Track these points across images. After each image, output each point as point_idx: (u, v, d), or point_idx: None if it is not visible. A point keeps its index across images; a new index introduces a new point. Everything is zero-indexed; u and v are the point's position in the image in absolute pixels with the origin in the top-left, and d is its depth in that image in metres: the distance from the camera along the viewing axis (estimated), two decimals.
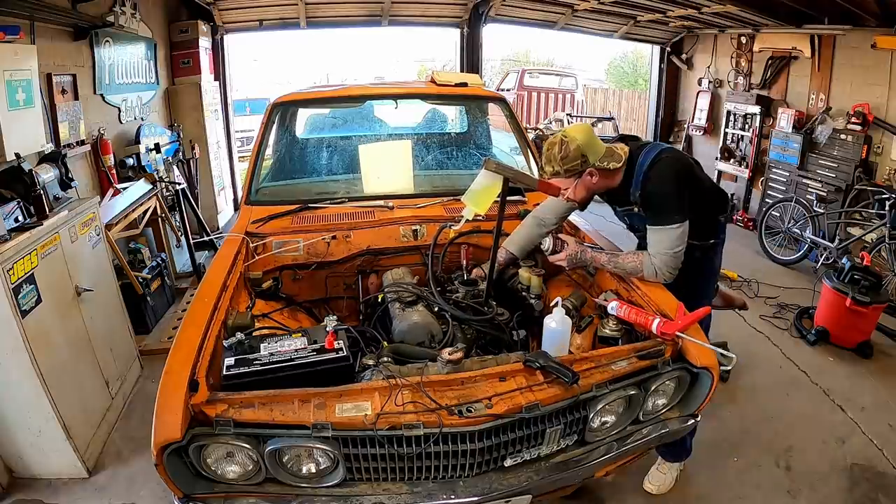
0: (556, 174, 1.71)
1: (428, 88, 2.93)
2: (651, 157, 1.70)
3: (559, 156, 1.67)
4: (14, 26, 2.64)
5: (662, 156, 1.70)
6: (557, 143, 1.67)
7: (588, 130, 1.70)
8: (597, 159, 1.68)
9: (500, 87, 11.69)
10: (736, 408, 2.63)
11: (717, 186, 2.05)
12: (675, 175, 1.68)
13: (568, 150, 1.65)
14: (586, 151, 1.66)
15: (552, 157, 1.68)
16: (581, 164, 1.67)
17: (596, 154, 1.68)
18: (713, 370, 1.45)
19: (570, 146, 1.65)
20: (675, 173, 1.68)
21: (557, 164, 1.68)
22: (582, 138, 1.66)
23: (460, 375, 1.35)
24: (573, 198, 1.77)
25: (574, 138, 1.66)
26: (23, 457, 2.10)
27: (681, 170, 1.71)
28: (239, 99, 7.93)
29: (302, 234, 2.07)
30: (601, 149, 1.70)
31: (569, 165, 1.66)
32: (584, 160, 1.66)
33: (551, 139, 1.70)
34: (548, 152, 1.70)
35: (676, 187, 1.67)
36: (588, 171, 1.69)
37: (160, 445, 1.15)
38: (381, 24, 6.08)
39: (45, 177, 2.39)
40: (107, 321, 2.51)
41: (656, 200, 1.69)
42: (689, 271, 1.73)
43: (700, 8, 4.83)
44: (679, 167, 1.71)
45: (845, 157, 4.34)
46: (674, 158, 1.72)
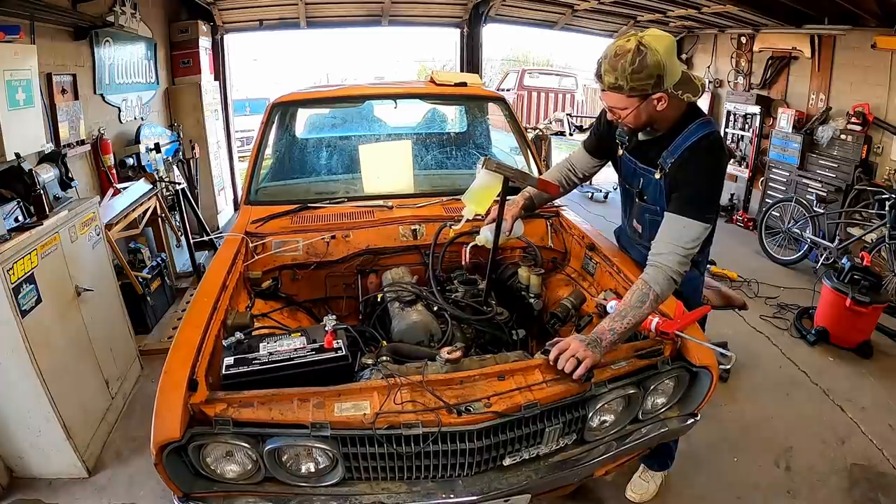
0: (616, 88, 1.37)
1: (428, 88, 2.93)
2: (705, 131, 1.44)
3: (629, 67, 1.31)
4: (14, 26, 2.64)
5: (715, 136, 1.45)
6: (632, 52, 1.31)
7: (672, 42, 1.35)
8: (673, 83, 1.36)
9: (500, 87, 11.71)
10: (736, 408, 2.63)
11: None
12: (722, 166, 1.45)
13: (644, 63, 1.31)
14: (665, 70, 1.32)
15: (620, 66, 1.32)
16: (653, 86, 1.34)
17: (673, 76, 1.36)
18: (712, 369, 1.45)
19: (649, 59, 1.30)
20: (722, 164, 1.46)
21: (623, 77, 1.33)
22: (664, 51, 1.31)
23: (459, 375, 1.35)
24: (628, 122, 1.46)
25: (655, 49, 1.30)
26: (23, 457, 2.10)
27: (726, 165, 1.48)
28: (239, 99, 7.94)
29: (301, 233, 2.07)
30: (679, 71, 1.38)
31: (638, 83, 1.33)
32: (660, 80, 1.33)
33: (621, 43, 1.34)
34: (614, 59, 1.34)
35: (720, 181, 1.45)
36: (658, 96, 1.37)
37: (159, 445, 1.15)
38: (381, 24, 6.09)
39: (45, 177, 2.39)
40: (107, 321, 2.52)
41: (693, 187, 1.42)
42: None
43: (700, 8, 4.83)
44: (726, 160, 1.48)
45: (845, 157, 4.34)
46: (725, 148, 1.48)
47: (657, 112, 1.42)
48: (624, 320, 1.38)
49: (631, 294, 1.41)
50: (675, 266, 1.40)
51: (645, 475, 2.09)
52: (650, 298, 1.38)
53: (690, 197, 1.42)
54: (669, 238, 1.42)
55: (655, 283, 1.39)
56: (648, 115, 1.44)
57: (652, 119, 1.46)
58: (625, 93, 1.37)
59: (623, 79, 1.34)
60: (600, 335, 1.37)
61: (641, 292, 1.40)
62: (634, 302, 1.39)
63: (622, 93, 1.38)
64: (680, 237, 1.41)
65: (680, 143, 1.46)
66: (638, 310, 1.38)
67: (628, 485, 2.10)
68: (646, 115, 1.43)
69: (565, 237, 2.21)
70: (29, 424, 2.02)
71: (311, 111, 3.26)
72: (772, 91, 5.34)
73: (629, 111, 1.42)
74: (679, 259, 1.40)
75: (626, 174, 1.71)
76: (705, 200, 1.42)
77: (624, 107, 1.42)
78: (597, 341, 1.36)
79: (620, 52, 1.33)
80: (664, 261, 1.41)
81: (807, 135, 4.64)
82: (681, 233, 1.41)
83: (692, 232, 1.41)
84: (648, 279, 1.41)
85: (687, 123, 1.46)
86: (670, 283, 1.40)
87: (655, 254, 1.44)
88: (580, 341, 1.35)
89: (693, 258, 1.55)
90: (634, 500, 2.07)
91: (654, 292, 1.39)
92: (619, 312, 1.39)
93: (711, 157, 1.44)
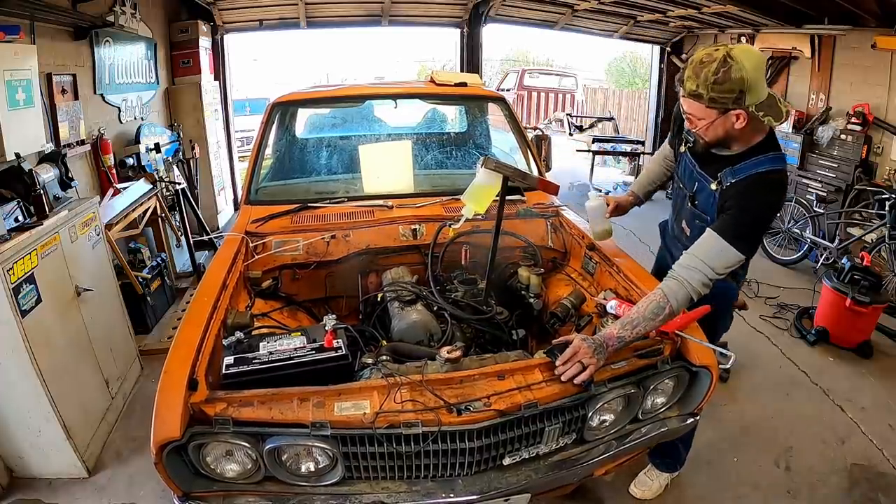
0: (696, 96, 1.34)
1: (428, 88, 2.93)
2: (776, 166, 1.41)
3: (712, 77, 1.29)
4: (14, 26, 2.64)
5: (783, 174, 1.43)
6: (717, 62, 1.28)
7: (762, 63, 1.32)
8: (755, 102, 1.32)
9: (500, 87, 11.70)
10: (736, 408, 2.63)
11: None
12: (778, 206, 1.46)
13: (728, 76, 1.28)
14: (749, 87, 1.29)
15: (703, 75, 1.30)
16: (734, 101, 1.31)
17: (757, 95, 1.31)
18: (712, 369, 1.45)
19: (733, 72, 1.27)
20: (778, 203, 1.46)
21: (704, 87, 1.30)
22: (751, 67, 1.28)
23: (459, 374, 1.35)
24: (702, 133, 1.43)
25: (742, 65, 1.27)
26: (23, 457, 2.10)
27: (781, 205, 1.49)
28: (239, 99, 7.94)
29: (301, 233, 2.07)
30: (764, 92, 1.33)
31: (719, 94, 1.30)
32: (741, 96, 1.30)
33: (709, 51, 1.32)
34: (698, 66, 1.32)
35: (770, 218, 1.45)
36: (736, 113, 1.33)
37: (160, 444, 1.15)
38: (381, 24, 6.09)
39: (45, 177, 2.39)
40: (107, 321, 2.52)
41: (745, 214, 1.39)
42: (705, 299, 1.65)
43: (700, 8, 4.83)
44: (783, 198, 1.47)
45: (845, 157, 4.34)
46: (786, 188, 1.46)
47: (734, 129, 1.38)
48: (634, 330, 1.37)
49: (647, 304, 1.39)
50: (697, 286, 1.37)
51: (651, 473, 2.10)
52: (665, 313, 1.37)
53: (738, 222, 1.39)
54: (703, 255, 1.38)
55: (674, 299, 1.37)
56: (725, 131, 1.40)
57: (728, 135, 1.42)
58: (704, 102, 1.34)
59: (704, 88, 1.31)
60: (607, 341, 1.36)
61: (658, 305, 1.37)
62: (649, 314, 1.37)
63: (701, 102, 1.35)
64: (713, 258, 1.37)
65: (747, 168, 1.42)
66: (651, 322, 1.37)
67: (633, 481, 2.10)
68: (722, 130, 1.40)
69: (565, 237, 2.21)
70: (29, 424, 2.02)
71: (311, 111, 3.26)
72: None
73: (705, 122, 1.40)
74: (704, 280, 1.37)
75: (682, 173, 1.68)
76: (750, 231, 1.39)
77: (701, 117, 1.40)
78: (602, 347, 1.35)
79: (707, 61, 1.31)
80: (689, 277, 1.37)
81: (807, 135, 4.64)
82: (716, 254, 1.38)
83: (727, 257, 1.37)
84: (668, 293, 1.38)
85: (762, 150, 1.43)
86: (688, 300, 1.38)
87: (682, 266, 1.40)
88: (588, 346, 1.33)
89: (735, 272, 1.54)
90: (636, 495, 2.08)
91: (670, 307, 1.37)
92: (632, 321, 1.37)
93: (773, 193, 1.41)
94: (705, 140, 1.47)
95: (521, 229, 2.14)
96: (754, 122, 1.35)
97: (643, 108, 8.90)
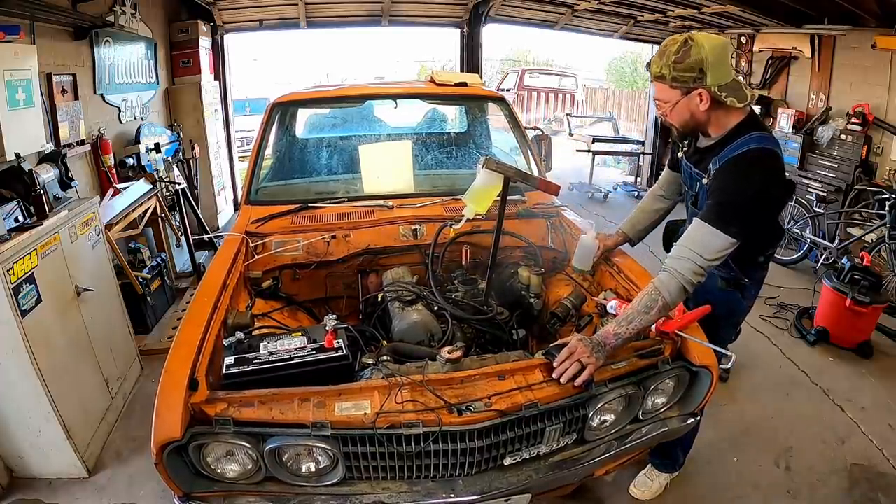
0: (660, 77, 1.41)
1: (428, 88, 2.93)
2: (756, 144, 1.39)
3: (673, 57, 1.36)
4: (14, 26, 2.64)
5: (768, 152, 1.39)
6: (679, 43, 1.36)
7: (724, 46, 1.37)
8: (717, 83, 1.37)
9: (500, 86, 11.71)
10: (736, 408, 2.63)
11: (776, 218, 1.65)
12: (762, 182, 1.37)
13: (688, 55, 1.35)
14: (709, 67, 1.34)
15: (666, 56, 1.38)
16: (694, 80, 1.36)
17: (719, 77, 1.36)
18: (712, 369, 1.45)
19: (693, 53, 1.34)
20: (764, 183, 1.38)
21: (667, 67, 1.38)
22: (710, 48, 1.34)
23: (460, 374, 1.35)
24: (670, 118, 1.48)
25: (702, 46, 1.34)
26: (23, 457, 2.10)
27: (774, 184, 1.40)
28: (239, 99, 7.93)
29: (302, 233, 2.07)
30: (728, 76, 1.38)
31: (680, 73, 1.37)
32: (701, 76, 1.36)
33: (675, 37, 1.40)
34: (662, 49, 1.40)
35: (755, 202, 1.37)
36: (699, 92, 1.38)
37: (160, 444, 1.15)
38: (381, 24, 6.08)
39: (45, 177, 2.39)
40: (107, 321, 2.51)
41: (725, 195, 1.39)
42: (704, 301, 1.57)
43: (700, 8, 4.83)
44: (774, 180, 1.40)
45: (845, 157, 4.34)
46: (775, 168, 1.41)
47: (700, 112, 1.43)
48: (630, 325, 1.37)
49: (640, 298, 1.40)
50: (688, 275, 1.36)
51: (651, 473, 2.10)
52: (658, 305, 1.37)
53: (719, 205, 1.39)
54: (689, 243, 1.39)
55: (666, 291, 1.37)
56: (691, 113, 1.45)
57: (696, 119, 1.46)
58: (668, 83, 1.41)
59: (667, 68, 1.38)
60: (604, 339, 1.36)
61: (650, 298, 1.38)
62: (642, 308, 1.38)
63: (665, 83, 1.41)
64: (700, 245, 1.37)
65: (730, 151, 1.43)
66: (645, 315, 1.37)
67: (633, 481, 2.10)
68: (687, 111, 1.44)
69: (565, 237, 2.20)
70: (29, 424, 2.02)
71: (311, 111, 3.26)
72: (772, 91, 5.33)
73: (671, 105, 1.45)
74: (695, 268, 1.36)
75: (684, 178, 1.71)
76: (733, 212, 1.37)
77: (667, 99, 1.45)
78: (601, 345, 1.35)
79: (669, 44, 1.39)
80: (679, 267, 1.37)
81: (807, 135, 4.63)
82: (702, 240, 1.37)
83: (714, 242, 1.36)
84: (660, 286, 1.38)
85: (743, 132, 1.44)
86: (681, 292, 1.37)
87: (673, 257, 1.41)
88: (586, 345, 1.34)
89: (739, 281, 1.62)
90: (636, 496, 2.07)
91: (663, 299, 1.36)
92: (626, 317, 1.38)
93: (752, 169, 1.38)
94: (676, 127, 1.51)
95: (521, 229, 2.14)
96: (721, 104, 1.41)
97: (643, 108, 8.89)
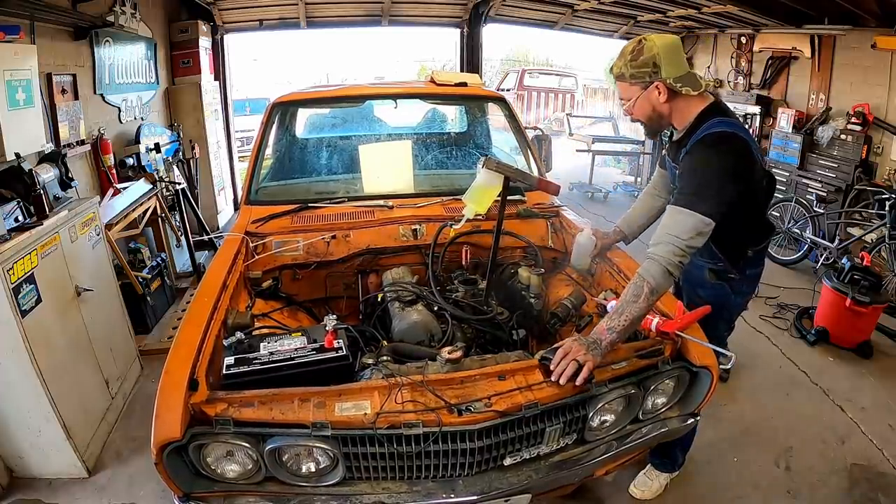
0: (620, 76, 1.52)
1: (428, 88, 2.93)
2: (717, 128, 1.45)
3: (629, 56, 1.48)
4: (14, 26, 2.64)
5: (727, 134, 1.44)
6: (633, 43, 1.49)
7: (675, 43, 1.50)
8: (671, 76, 1.46)
9: (500, 86, 11.70)
10: (736, 408, 2.63)
11: (765, 212, 1.69)
12: (724, 168, 1.41)
13: (642, 52, 1.46)
14: (662, 61, 1.45)
15: (624, 53, 1.50)
16: (650, 74, 1.47)
17: (672, 69, 1.46)
18: (713, 369, 1.45)
19: (646, 50, 1.46)
20: (726, 160, 1.41)
21: (625, 66, 1.49)
22: (662, 46, 1.45)
23: (460, 374, 1.35)
24: (634, 113, 1.57)
25: (654, 43, 1.46)
26: (23, 457, 2.10)
27: (736, 162, 1.43)
28: (239, 99, 7.93)
29: (302, 233, 2.07)
30: (682, 69, 1.49)
31: (637, 70, 1.48)
32: (656, 70, 1.46)
33: (630, 41, 1.52)
34: (620, 53, 1.52)
35: (721, 179, 1.40)
36: (656, 85, 1.48)
37: (160, 444, 1.15)
38: (381, 24, 6.09)
39: (45, 177, 2.39)
40: (107, 321, 2.51)
41: (690, 176, 1.45)
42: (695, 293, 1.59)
43: (700, 8, 4.83)
44: (735, 158, 1.43)
45: (845, 157, 4.34)
46: (736, 148, 1.44)
47: (661, 104, 1.52)
48: (621, 317, 1.37)
49: (627, 289, 1.41)
50: (669, 257, 1.38)
51: (651, 473, 2.10)
52: (645, 292, 1.37)
53: (685, 187, 1.45)
54: (666, 228, 1.42)
55: (650, 276, 1.38)
56: (652, 106, 1.53)
57: (658, 112, 1.54)
58: (627, 81, 1.52)
59: (625, 67, 1.50)
60: (600, 336, 1.37)
61: (636, 286, 1.39)
62: (630, 297, 1.39)
63: (626, 81, 1.52)
64: (674, 227, 1.40)
65: (694, 138, 1.49)
66: (634, 305, 1.38)
67: (633, 481, 2.10)
68: (649, 105, 1.53)
69: (565, 237, 2.20)
70: (29, 424, 2.02)
71: (311, 111, 3.26)
72: (772, 91, 5.33)
73: (633, 101, 1.54)
74: (674, 250, 1.38)
75: (669, 174, 1.76)
76: (699, 190, 1.40)
77: (629, 96, 1.54)
78: (597, 343, 1.35)
79: (626, 48, 1.52)
80: (659, 252, 1.40)
81: (807, 135, 4.63)
82: (675, 223, 1.40)
83: (687, 222, 1.38)
84: (643, 272, 1.40)
85: (706, 120, 1.49)
86: (665, 275, 1.38)
87: (652, 244, 1.44)
88: (580, 344, 1.34)
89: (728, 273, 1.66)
90: (636, 496, 2.07)
91: (648, 285, 1.37)
92: (617, 309, 1.39)
93: (712, 148, 1.43)
94: (643, 122, 1.60)
95: (521, 229, 2.14)
96: (679, 95, 1.50)
97: None
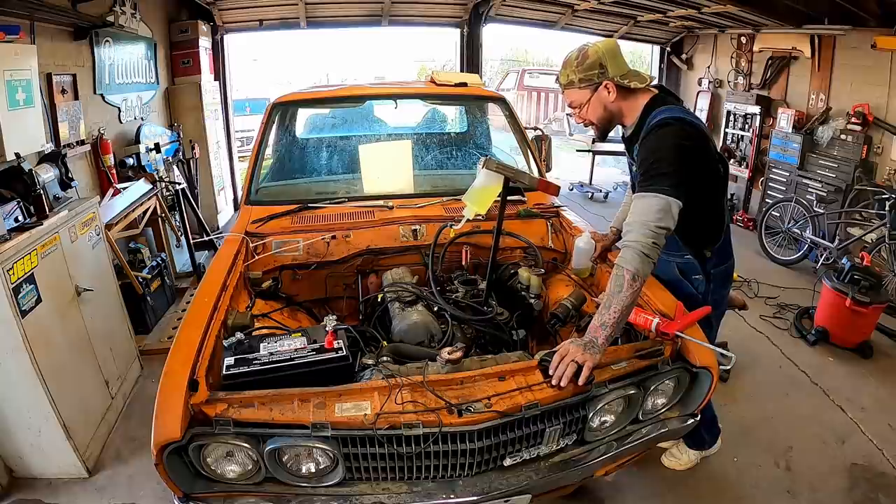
0: (570, 84, 1.58)
1: (428, 88, 2.93)
2: (663, 115, 1.51)
3: (575, 62, 1.54)
4: (14, 26, 2.64)
5: (674, 118, 1.49)
6: (577, 50, 1.56)
7: (615, 44, 1.58)
8: (619, 74, 1.54)
9: (500, 87, 11.70)
10: (736, 408, 2.63)
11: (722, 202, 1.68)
12: (676, 145, 1.45)
13: (587, 55, 1.53)
14: (607, 61, 1.52)
15: (569, 62, 1.56)
16: (598, 75, 1.53)
17: (617, 68, 1.54)
18: (712, 369, 1.45)
19: (591, 52, 1.53)
20: (675, 139, 1.46)
21: (573, 72, 1.55)
22: (604, 48, 1.54)
23: (460, 375, 1.35)
24: (587, 116, 1.62)
25: (596, 47, 1.54)
26: (23, 457, 2.10)
27: (685, 140, 1.47)
28: (239, 99, 7.92)
29: (302, 234, 2.07)
30: (625, 68, 1.56)
31: (585, 73, 1.54)
32: (603, 71, 1.53)
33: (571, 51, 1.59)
34: (564, 62, 1.58)
35: (674, 156, 1.44)
36: (605, 84, 1.54)
37: (160, 445, 1.15)
38: (381, 24, 6.08)
39: (45, 177, 2.39)
40: (107, 321, 2.51)
41: (646, 162, 1.48)
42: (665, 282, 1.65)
43: (700, 8, 4.82)
44: (684, 137, 1.48)
45: (845, 157, 4.34)
46: (684, 128, 1.49)
47: (612, 103, 1.58)
48: (610, 310, 1.37)
49: (609, 283, 1.41)
50: (642, 240, 1.38)
51: (681, 447, 2.18)
52: (626, 279, 1.37)
53: (643, 172, 1.47)
54: (633, 216, 1.43)
55: (626, 263, 1.38)
56: (604, 107, 1.59)
57: (610, 111, 1.60)
58: (577, 86, 1.57)
59: (573, 73, 1.56)
60: (594, 335, 1.37)
61: (616, 276, 1.39)
62: (613, 288, 1.39)
63: (574, 87, 1.58)
64: (641, 212, 1.41)
65: (644, 131, 1.54)
66: (619, 295, 1.37)
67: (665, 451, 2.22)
68: (600, 106, 1.59)
69: (565, 237, 2.20)
70: (29, 424, 2.02)
71: (311, 111, 3.26)
72: (772, 91, 5.33)
73: (586, 105, 1.59)
74: (644, 232, 1.38)
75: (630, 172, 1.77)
76: (656, 171, 1.43)
77: (581, 101, 1.59)
78: (592, 342, 1.35)
79: (569, 56, 1.58)
80: (631, 238, 1.40)
81: (807, 135, 4.63)
82: (640, 207, 1.42)
83: (652, 204, 1.40)
84: (620, 261, 1.41)
85: (652, 111, 1.55)
86: (643, 259, 1.38)
87: (624, 234, 1.45)
88: (577, 346, 1.34)
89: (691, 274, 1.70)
90: (665, 465, 2.21)
91: (627, 272, 1.37)
92: (604, 304, 1.40)
93: (659, 132, 1.48)
94: (596, 124, 1.63)
95: (521, 229, 2.14)
96: (626, 91, 1.56)
97: None
